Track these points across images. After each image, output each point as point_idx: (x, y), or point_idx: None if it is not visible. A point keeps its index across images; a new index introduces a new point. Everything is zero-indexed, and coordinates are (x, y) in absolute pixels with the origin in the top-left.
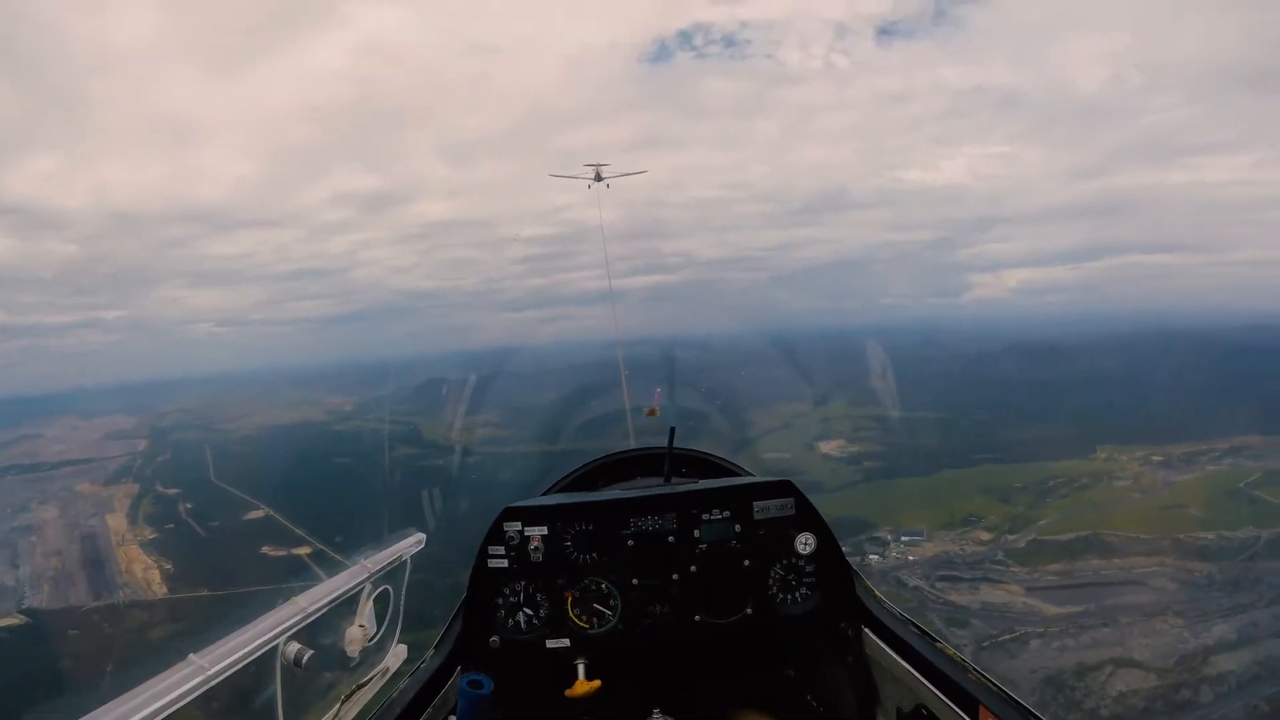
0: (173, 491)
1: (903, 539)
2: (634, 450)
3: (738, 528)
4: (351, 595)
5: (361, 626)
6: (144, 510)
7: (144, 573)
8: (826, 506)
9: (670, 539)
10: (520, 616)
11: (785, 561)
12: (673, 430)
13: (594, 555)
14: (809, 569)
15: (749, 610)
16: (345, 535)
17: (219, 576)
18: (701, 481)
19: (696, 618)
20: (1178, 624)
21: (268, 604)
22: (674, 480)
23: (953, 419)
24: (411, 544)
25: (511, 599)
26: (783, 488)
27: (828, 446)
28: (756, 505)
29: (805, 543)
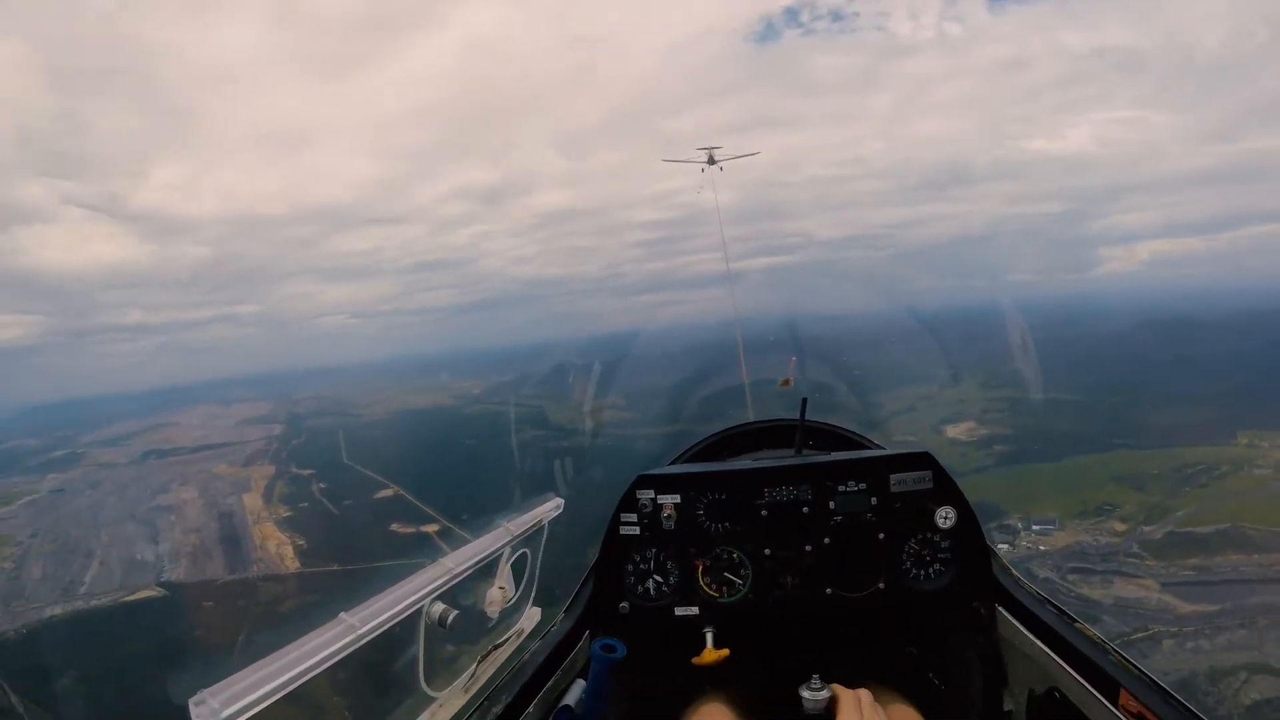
0: (307, 472)
1: (1034, 527)
2: (760, 422)
3: (873, 500)
4: (492, 558)
5: (501, 588)
6: (279, 490)
7: (278, 548)
8: None
9: (804, 510)
10: (650, 583)
11: (921, 536)
12: (804, 401)
13: (726, 524)
14: (944, 545)
15: (881, 585)
16: (472, 513)
17: (349, 552)
18: (835, 453)
19: (828, 590)
20: None
21: (401, 575)
22: (804, 452)
23: (1085, 401)
24: (551, 508)
25: (642, 566)
26: (921, 460)
27: (955, 430)
28: (893, 478)
29: (945, 517)
